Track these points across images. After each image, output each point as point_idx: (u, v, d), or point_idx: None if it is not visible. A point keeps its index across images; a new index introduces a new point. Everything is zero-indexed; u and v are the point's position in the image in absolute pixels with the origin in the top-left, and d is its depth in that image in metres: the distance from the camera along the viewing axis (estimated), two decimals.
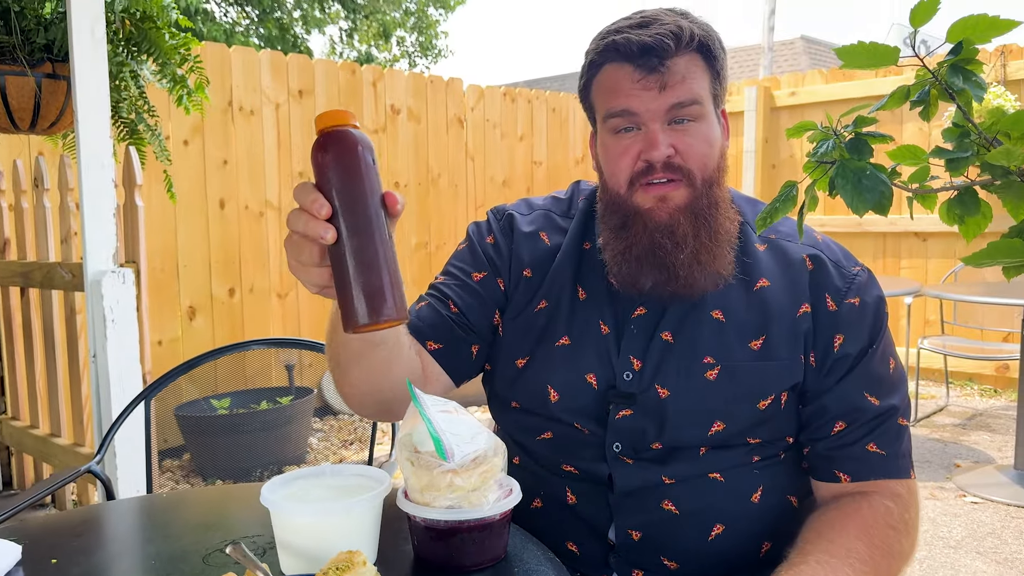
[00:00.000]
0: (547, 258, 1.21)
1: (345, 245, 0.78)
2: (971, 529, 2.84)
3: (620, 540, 1.11)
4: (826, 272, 1.12)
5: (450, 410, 0.88)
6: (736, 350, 1.09)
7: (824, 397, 1.10)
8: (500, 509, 0.83)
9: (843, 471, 1.09)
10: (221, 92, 3.98)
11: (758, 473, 1.12)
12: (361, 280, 0.78)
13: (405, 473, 0.85)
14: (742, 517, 1.11)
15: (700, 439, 1.09)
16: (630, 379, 1.11)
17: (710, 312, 1.11)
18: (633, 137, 1.07)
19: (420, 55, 15.87)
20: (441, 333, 1.19)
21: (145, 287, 2.65)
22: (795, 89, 5.40)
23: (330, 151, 0.79)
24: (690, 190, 1.07)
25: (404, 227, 4.80)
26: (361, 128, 0.82)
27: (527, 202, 1.29)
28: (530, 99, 5.47)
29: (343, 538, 0.82)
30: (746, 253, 1.14)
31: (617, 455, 1.11)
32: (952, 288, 3.69)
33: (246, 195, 4.10)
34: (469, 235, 1.27)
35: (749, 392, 1.09)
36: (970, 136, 0.95)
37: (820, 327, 1.10)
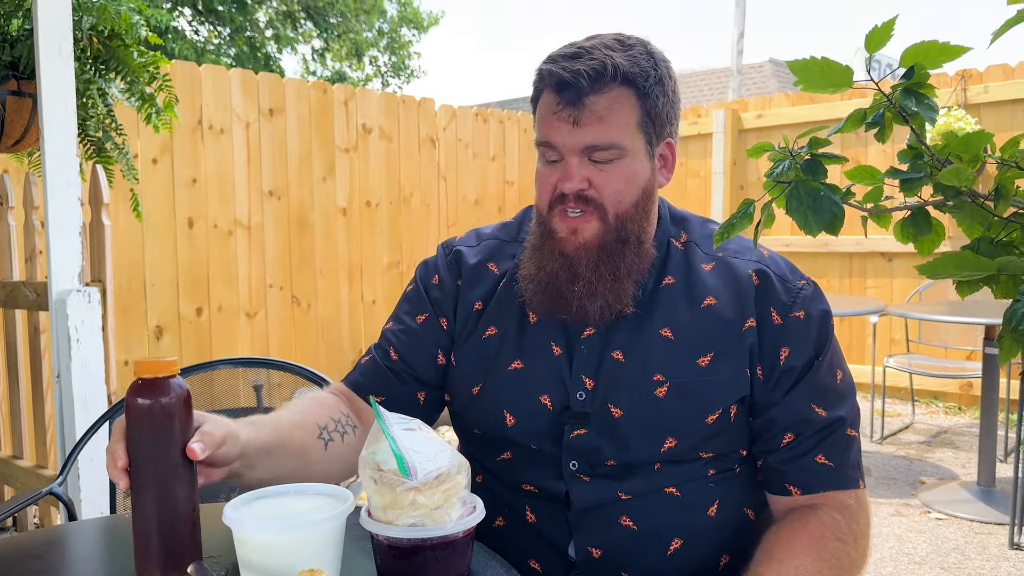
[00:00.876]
0: (494, 286, 1.23)
1: (133, 494, 0.86)
2: (935, 545, 2.88)
3: (580, 557, 1.12)
4: (771, 286, 1.14)
5: (414, 427, 0.88)
6: (684, 367, 1.11)
7: (772, 410, 1.12)
8: (463, 527, 0.84)
9: (793, 484, 1.11)
10: (191, 110, 3.96)
11: (713, 487, 1.13)
12: (137, 532, 0.85)
13: (368, 491, 0.85)
14: (699, 531, 1.12)
15: (653, 455, 1.11)
16: (583, 399, 1.12)
17: (659, 330, 1.13)
18: (554, 167, 1.11)
19: (393, 75, 15.91)
20: (382, 385, 1.24)
21: (111, 306, 2.62)
22: (762, 112, 5.49)
23: (134, 403, 0.85)
24: (600, 224, 1.10)
25: (376, 246, 4.80)
26: (177, 378, 0.87)
27: (476, 233, 1.31)
28: (502, 120, 5.51)
29: (305, 557, 0.82)
30: (692, 272, 1.16)
31: (573, 473, 1.12)
32: (917, 307, 3.75)
33: (215, 214, 4.08)
34: (416, 276, 1.30)
35: (698, 407, 1.10)
36: (923, 157, 0.98)
37: (766, 340, 1.12)
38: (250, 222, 4.22)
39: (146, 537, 0.85)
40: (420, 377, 1.24)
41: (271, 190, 4.30)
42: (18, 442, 3.01)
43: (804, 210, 0.94)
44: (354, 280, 4.70)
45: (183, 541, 0.86)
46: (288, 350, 4.40)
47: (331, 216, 4.56)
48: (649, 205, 1.15)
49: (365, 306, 4.76)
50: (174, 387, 0.85)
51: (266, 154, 4.27)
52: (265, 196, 4.28)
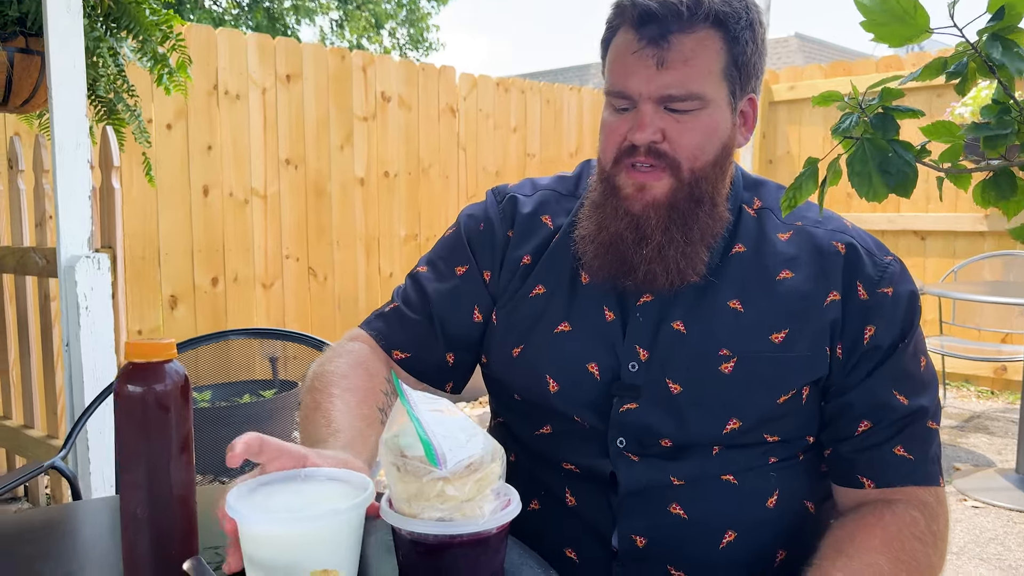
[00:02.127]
0: (547, 241, 1.13)
1: (122, 493, 0.76)
2: (973, 535, 2.77)
3: (623, 546, 1.02)
4: (859, 260, 1.04)
5: (441, 409, 0.78)
6: (755, 342, 1.01)
7: (849, 393, 1.02)
8: (497, 522, 0.74)
9: (866, 476, 1.01)
10: (206, 75, 3.86)
11: (775, 476, 1.03)
12: (126, 536, 0.76)
13: (390, 479, 0.75)
14: (756, 523, 1.02)
15: (713, 437, 1.01)
16: (635, 370, 1.03)
17: (727, 302, 1.02)
18: (627, 116, 1.01)
19: (411, 47, 15.73)
20: (408, 340, 1.13)
21: (122, 273, 2.54)
22: (794, 84, 5.32)
23: (124, 390, 0.74)
24: (673, 181, 1.00)
25: (393, 218, 4.69)
26: (173, 362, 0.76)
27: (531, 182, 1.21)
28: (524, 90, 5.37)
29: (315, 552, 0.72)
30: (768, 241, 1.06)
31: (621, 451, 1.03)
32: (951, 287, 3.61)
33: (231, 182, 3.99)
34: (458, 222, 1.19)
35: (768, 386, 1.00)
36: (1011, 113, 0.86)
37: (849, 317, 1.02)
38: (266, 191, 4.13)
39: (135, 542, 0.75)
40: (452, 336, 1.13)
41: (288, 158, 4.20)
42: (29, 412, 2.95)
43: (870, 171, 0.83)
44: (371, 252, 4.61)
45: (177, 545, 0.76)
46: (304, 322, 4.32)
47: (348, 186, 4.46)
48: (727, 164, 1.04)
49: (382, 279, 4.67)
50: (170, 373, 0.75)
51: (283, 121, 4.17)
52: (282, 164, 4.18)
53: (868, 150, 0.84)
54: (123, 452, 0.75)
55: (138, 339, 0.74)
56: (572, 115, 5.68)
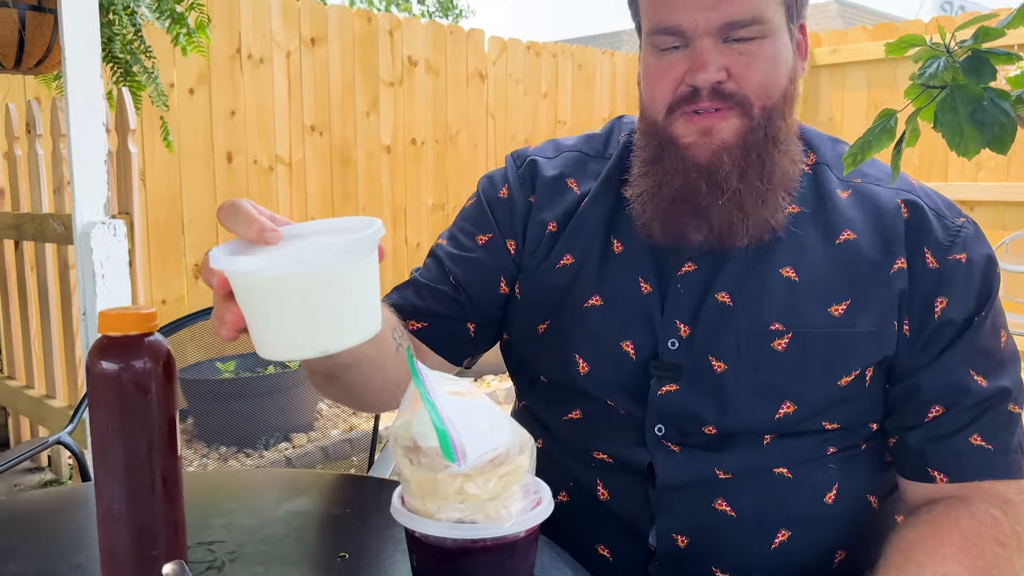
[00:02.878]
0: (574, 207, 1.00)
1: (96, 486, 0.66)
2: None
3: (662, 545, 0.92)
4: (925, 221, 0.91)
5: (462, 391, 0.67)
6: (812, 315, 0.89)
7: (919, 374, 0.90)
8: (526, 525, 0.63)
9: (939, 469, 0.89)
10: (228, 38, 3.76)
11: (834, 468, 0.92)
12: (102, 536, 0.66)
13: (402, 473, 0.65)
14: (813, 521, 0.91)
15: (765, 424, 0.89)
16: (676, 348, 0.91)
17: (779, 269, 0.90)
18: (678, 56, 0.87)
19: (441, 15, 15.51)
20: (427, 309, 1.02)
21: (140, 240, 2.46)
22: (837, 47, 5.11)
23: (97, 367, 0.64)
24: (743, 121, 0.87)
25: (420, 186, 4.59)
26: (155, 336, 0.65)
27: (555, 143, 1.08)
28: (555, 54, 5.21)
29: (325, 295, 0.63)
30: (825, 199, 0.93)
31: (659, 440, 0.92)
32: (1002, 259, 3.44)
33: (255, 148, 3.90)
34: (479, 189, 1.07)
35: (828, 366, 0.89)
36: None
37: (918, 287, 0.89)
38: (291, 158, 4.04)
39: (113, 542, 0.66)
40: (477, 303, 1.02)
41: (313, 124, 4.10)
42: (51, 381, 2.91)
43: (961, 122, 0.71)
44: (398, 222, 4.51)
45: (161, 544, 0.67)
46: None
47: (375, 154, 4.36)
48: (795, 99, 0.92)
49: (409, 250, 4.57)
50: (151, 348, 0.65)
51: (307, 86, 4.06)
52: (306, 131, 4.08)
53: (958, 99, 0.72)
54: (97, 440, 0.65)
55: (99, 313, 0.64)
56: (605, 80, 5.50)
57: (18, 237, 2.87)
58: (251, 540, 0.76)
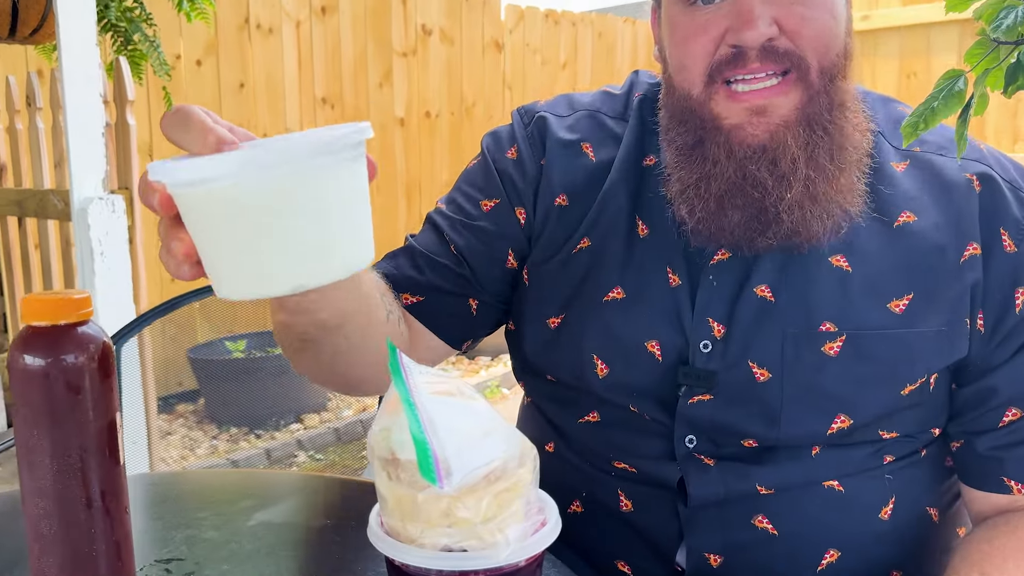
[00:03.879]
0: (592, 179, 0.86)
1: (24, 503, 0.56)
2: None
3: (692, 565, 0.81)
4: (1001, 197, 0.78)
5: (451, 391, 0.56)
6: (869, 313, 0.76)
7: (993, 375, 0.78)
8: (527, 553, 0.53)
9: (1017, 479, 0.78)
10: (236, 7, 3.64)
11: (891, 479, 0.80)
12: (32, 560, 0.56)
13: (380, 490, 0.55)
14: (866, 539, 0.80)
15: (815, 438, 0.78)
16: (709, 351, 0.79)
17: (828, 259, 0.77)
18: (715, 9, 0.72)
19: None
20: (423, 281, 0.87)
21: (140, 216, 2.37)
22: (868, 13, 4.90)
23: (19, 363, 0.54)
24: (803, 90, 0.73)
25: (435, 161, 4.47)
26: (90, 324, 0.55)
27: (568, 99, 0.93)
28: (575, 22, 5.05)
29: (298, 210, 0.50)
30: (881, 175, 0.79)
31: (690, 452, 0.80)
32: None
33: (265, 122, 3.79)
34: (483, 148, 0.93)
35: (888, 373, 0.76)
36: None
37: (994, 277, 0.77)
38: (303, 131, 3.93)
39: (43, 569, 0.56)
40: (481, 277, 0.88)
41: (324, 97, 3.99)
42: None
43: None
44: (412, 198, 4.40)
45: (99, 569, 0.57)
46: None
47: (388, 127, 4.24)
48: (852, 54, 0.77)
49: None
50: (83, 339, 0.55)
51: (318, 57, 3.95)
52: (318, 103, 3.97)
53: None
54: (22, 448, 0.55)
55: (22, 300, 0.53)
56: (626, 50, 5.34)
57: (20, 214, 2.80)
58: (213, 557, 0.66)
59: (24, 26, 2.28)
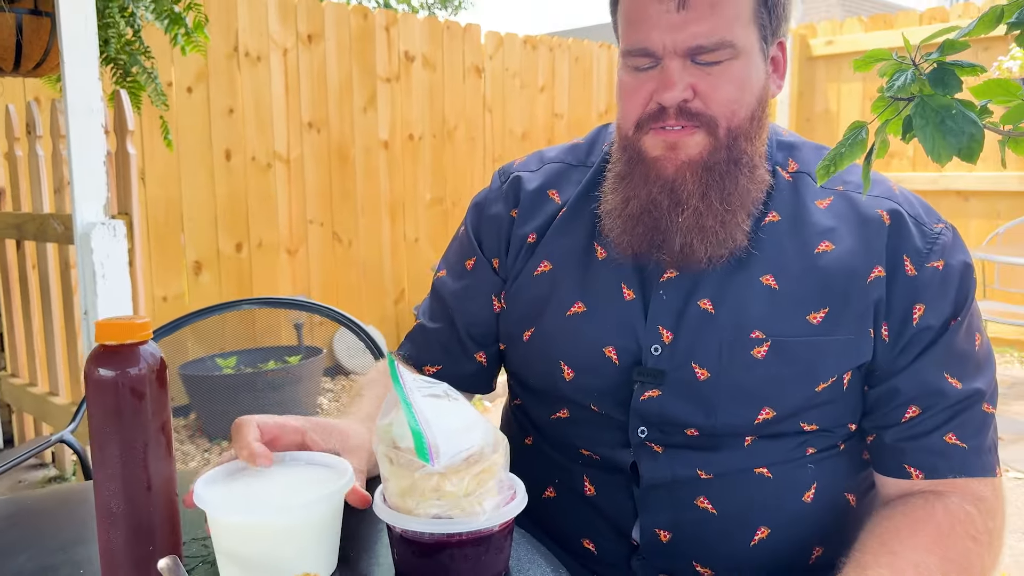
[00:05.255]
0: (554, 216, 1.04)
1: (96, 485, 0.70)
2: (1016, 507, 2.67)
3: (645, 540, 0.95)
4: (905, 230, 0.93)
5: (439, 394, 0.71)
6: (791, 323, 0.92)
7: (897, 377, 0.92)
8: (500, 519, 0.67)
9: (915, 466, 0.92)
10: (226, 37, 3.78)
11: (812, 468, 0.95)
12: (101, 531, 0.71)
13: (383, 472, 0.69)
14: (791, 519, 0.94)
15: (744, 427, 0.92)
16: (659, 354, 0.94)
17: (760, 277, 0.93)
18: (649, 75, 0.90)
19: (439, 6, 15.49)
20: (438, 352, 1.10)
21: (139, 240, 2.50)
22: (832, 38, 5.12)
23: (95, 374, 0.69)
24: (708, 139, 0.90)
25: (418, 181, 4.61)
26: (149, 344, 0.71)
27: (539, 155, 1.12)
28: (552, 47, 5.23)
29: (290, 543, 0.68)
30: (804, 208, 0.95)
31: (643, 441, 0.95)
32: (995, 250, 3.46)
33: (253, 146, 3.93)
34: (466, 217, 1.13)
35: (805, 373, 0.91)
36: None
37: (896, 295, 0.92)
38: (289, 155, 4.07)
39: (111, 538, 0.70)
40: (477, 334, 1.08)
41: (310, 121, 4.13)
42: (54, 379, 2.95)
43: (932, 132, 0.74)
44: (396, 217, 4.54)
45: (157, 540, 0.71)
46: (330, 288, 4.28)
47: (372, 150, 4.39)
48: (764, 119, 0.94)
49: (408, 244, 4.61)
50: (144, 356, 0.69)
51: (305, 83, 4.09)
52: (304, 128, 4.11)
53: (927, 110, 0.75)
54: (96, 441, 0.69)
55: (95, 324, 0.68)
56: (602, 74, 5.52)
57: (19, 237, 2.91)
58: None
59: (27, 60, 2.40)
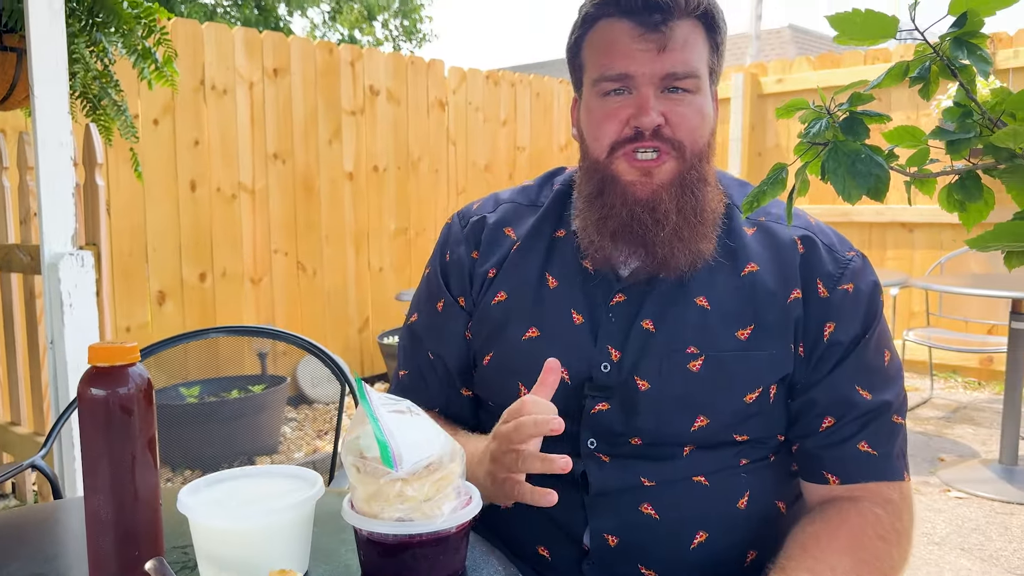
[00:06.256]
0: (509, 251, 1.13)
1: (86, 495, 0.76)
2: (956, 525, 2.79)
3: (595, 545, 1.03)
4: (818, 256, 1.04)
5: (403, 410, 0.79)
6: (721, 339, 1.01)
7: (813, 390, 1.03)
8: (456, 521, 0.75)
9: (831, 472, 1.02)
10: (193, 70, 3.85)
11: (746, 477, 1.04)
12: (91, 538, 0.76)
13: (351, 480, 0.76)
14: (727, 524, 1.03)
15: (682, 435, 1.01)
16: (608, 371, 1.03)
17: (694, 299, 1.03)
18: (623, 101, 1.00)
19: (404, 39, 15.68)
20: (430, 397, 1.17)
21: (107, 270, 2.54)
22: (782, 76, 5.32)
23: (87, 394, 0.75)
24: (678, 163, 1.00)
25: (383, 212, 4.69)
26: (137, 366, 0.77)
27: (494, 198, 1.21)
28: (513, 83, 5.37)
29: (266, 546, 0.74)
30: (733, 236, 1.06)
31: (592, 452, 1.03)
32: (938, 279, 3.63)
33: (218, 177, 3.98)
34: (431, 258, 1.21)
35: (735, 384, 1.01)
36: (972, 116, 0.87)
37: (811, 315, 1.02)
38: (254, 186, 4.12)
39: (100, 544, 0.76)
40: (458, 370, 1.16)
41: (276, 153, 4.19)
42: (16, 408, 2.95)
43: (843, 174, 0.84)
44: (361, 247, 4.61)
45: (142, 546, 0.77)
46: (294, 317, 4.32)
47: (337, 181, 4.46)
48: (714, 146, 1.06)
49: (372, 273, 4.67)
50: (133, 377, 0.76)
51: (270, 116, 4.16)
52: (269, 159, 4.17)
53: (840, 153, 0.85)
54: (87, 455, 0.76)
55: (88, 347, 0.75)
56: (562, 108, 5.67)
57: None
58: None
59: None
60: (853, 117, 0.86)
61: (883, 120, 0.88)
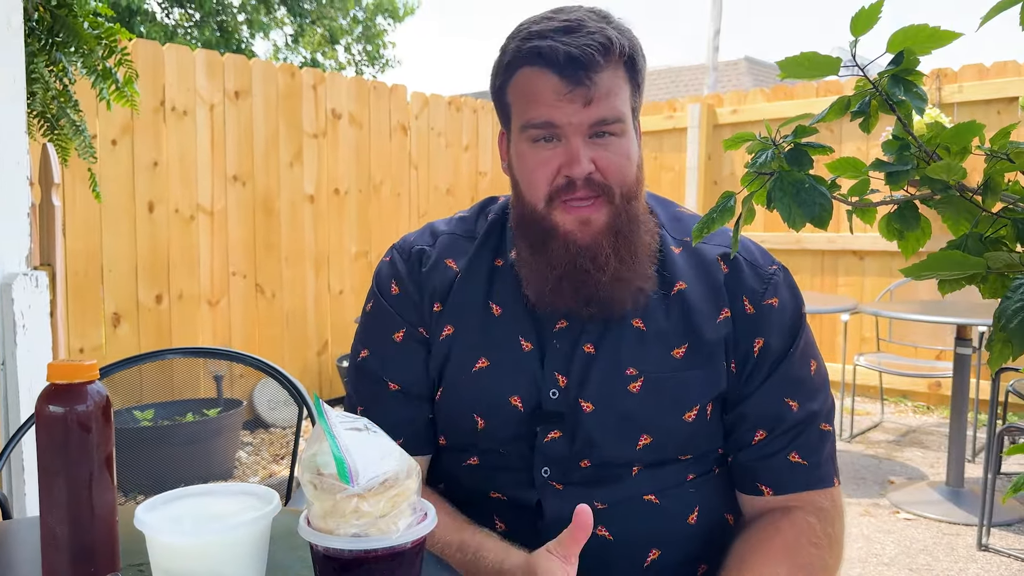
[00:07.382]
0: (452, 283, 1.13)
1: (42, 512, 0.78)
2: (904, 546, 2.85)
3: None
4: (742, 274, 1.08)
5: (360, 428, 0.80)
6: (658, 360, 1.05)
7: (744, 404, 1.07)
8: (412, 536, 0.76)
9: (765, 484, 1.06)
10: (153, 91, 3.83)
11: (694, 492, 1.07)
12: (46, 555, 0.77)
13: (308, 497, 0.78)
14: (678, 540, 1.06)
15: (629, 455, 1.04)
16: (556, 397, 1.05)
17: (631, 321, 1.06)
18: (553, 150, 1.01)
19: (367, 64, 15.71)
20: (398, 430, 1.10)
21: (62, 292, 2.51)
22: (737, 107, 5.46)
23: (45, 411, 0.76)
24: (610, 208, 1.02)
25: (344, 234, 4.69)
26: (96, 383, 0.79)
27: (431, 229, 1.20)
28: (476, 109, 5.42)
29: (223, 563, 0.75)
30: (664, 257, 1.09)
31: (546, 481, 1.05)
32: (888, 306, 3.73)
33: (177, 198, 3.96)
34: (373, 294, 1.17)
35: (674, 403, 1.04)
36: (910, 149, 0.92)
37: (740, 332, 1.06)
38: (213, 207, 4.10)
39: (55, 561, 0.77)
40: (423, 395, 1.13)
41: (236, 175, 4.18)
42: None
43: (788, 202, 0.88)
44: (321, 269, 4.60)
45: (98, 563, 0.77)
46: (251, 340, 4.29)
47: (298, 203, 4.45)
48: (642, 180, 1.08)
49: (332, 296, 4.66)
50: (91, 394, 0.77)
51: (231, 138, 4.15)
52: (229, 181, 4.16)
53: (785, 183, 0.88)
54: (44, 472, 0.76)
55: (48, 365, 0.75)
56: None
57: None
58: None
59: None
60: (798, 148, 0.90)
61: (827, 151, 0.93)
